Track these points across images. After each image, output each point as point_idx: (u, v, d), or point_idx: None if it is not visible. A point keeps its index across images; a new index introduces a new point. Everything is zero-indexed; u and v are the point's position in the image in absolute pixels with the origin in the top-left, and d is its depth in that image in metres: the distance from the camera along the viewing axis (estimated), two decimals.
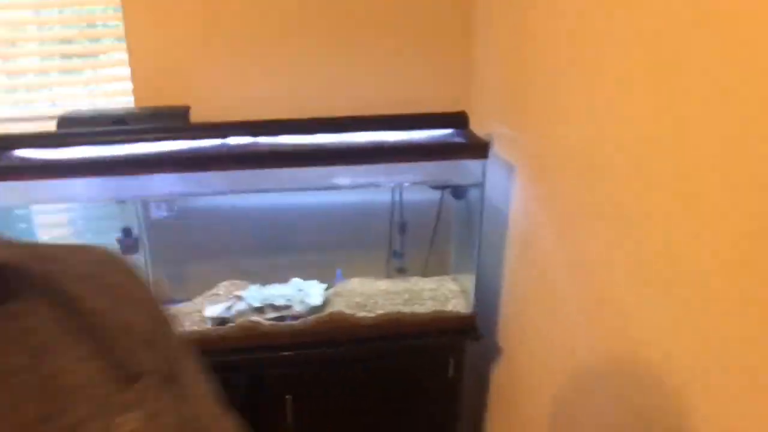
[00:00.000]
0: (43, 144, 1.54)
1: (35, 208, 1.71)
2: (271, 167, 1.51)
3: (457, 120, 1.65)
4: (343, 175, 1.53)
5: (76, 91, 1.83)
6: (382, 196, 1.83)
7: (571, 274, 1.31)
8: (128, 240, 1.68)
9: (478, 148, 1.53)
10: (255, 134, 1.56)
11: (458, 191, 1.73)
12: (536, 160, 1.47)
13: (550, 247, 1.41)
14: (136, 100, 1.80)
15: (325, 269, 1.85)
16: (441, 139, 1.59)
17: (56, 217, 1.87)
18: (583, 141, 1.21)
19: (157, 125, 1.62)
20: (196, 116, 1.71)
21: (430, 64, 1.83)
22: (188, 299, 1.75)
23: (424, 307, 1.70)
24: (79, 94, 1.83)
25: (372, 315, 1.66)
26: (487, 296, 1.77)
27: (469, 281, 1.78)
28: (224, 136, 1.55)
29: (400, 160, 1.51)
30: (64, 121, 1.64)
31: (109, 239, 1.73)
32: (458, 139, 1.60)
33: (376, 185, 1.61)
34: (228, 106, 1.75)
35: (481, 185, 1.56)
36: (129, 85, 1.78)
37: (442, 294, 1.77)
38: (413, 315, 1.68)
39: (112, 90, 1.84)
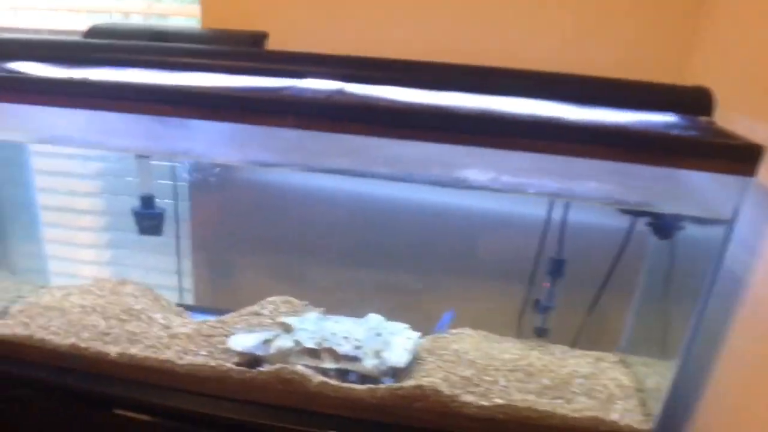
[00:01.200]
0: (53, 56, 1.06)
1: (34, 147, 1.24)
2: (380, 132, 0.87)
3: (690, 101, 0.94)
4: (475, 166, 0.88)
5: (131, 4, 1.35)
6: (532, 211, 1.16)
7: None
8: (149, 215, 1.16)
9: (743, 154, 0.81)
10: (348, 77, 0.96)
11: (667, 224, 1.02)
12: None
13: None
14: (203, 21, 1.28)
15: (421, 306, 1.22)
16: (666, 128, 0.89)
17: (56, 161, 1.41)
18: None
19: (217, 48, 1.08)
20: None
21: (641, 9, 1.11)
22: (219, 311, 1.21)
23: (573, 406, 1.02)
24: (133, 7, 1.35)
25: (485, 403, 1.01)
26: (680, 404, 1.05)
27: (650, 370, 1.07)
28: (302, 75, 0.97)
29: (587, 152, 0.83)
30: (94, 33, 1.16)
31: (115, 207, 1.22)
32: (693, 133, 0.89)
33: (530, 192, 0.92)
34: (317, 39, 1.18)
35: (729, 223, 0.85)
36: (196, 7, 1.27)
37: (602, 387, 1.07)
38: (551, 416, 1.00)
39: (174, 8, 1.34)
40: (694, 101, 0.94)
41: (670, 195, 0.90)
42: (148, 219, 1.15)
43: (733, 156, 0.82)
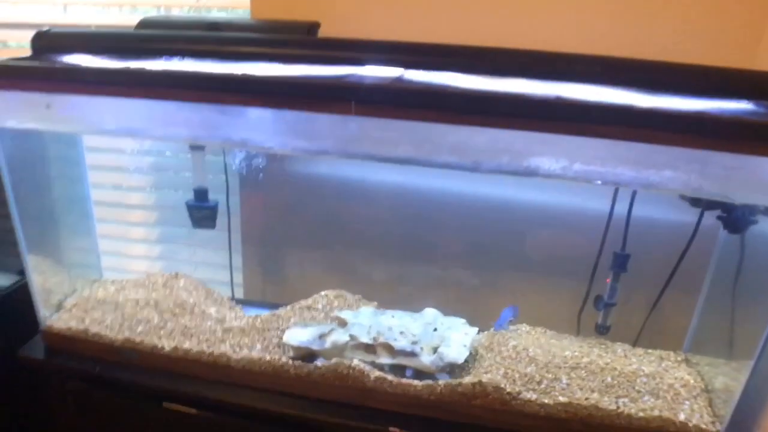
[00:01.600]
0: (108, 47, 1.06)
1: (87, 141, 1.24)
2: (448, 119, 0.83)
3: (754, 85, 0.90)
4: (545, 154, 0.85)
5: None
6: (596, 205, 1.12)
7: None
8: (203, 208, 1.15)
9: None
10: (408, 63, 0.94)
11: (738, 217, 0.98)
12: None
13: None
14: (252, 12, 1.27)
15: (478, 301, 1.20)
16: (744, 114, 0.85)
17: (109, 157, 1.42)
18: None
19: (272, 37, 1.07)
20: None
21: None
22: (271, 305, 1.20)
23: (638, 405, 0.98)
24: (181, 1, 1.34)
25: (548, 401, 0.98)
26: (751, 406, 1.00)
27: (717, 371, 1.03)
28: (360, 62, 0.95)
29: (663, 139, 0.79)
30: (145, 25, 1.15)
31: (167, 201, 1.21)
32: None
33: (597, 181, 0.87)
34: (369, 28, 1.16)
35: None
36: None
37: (668, 387, 1.03)
38: (617, 415, 0.97)
39: (221, 1, 1.33)
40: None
41: (747, 185, 0.86)
42: (202, 211, 1.14)
43: None
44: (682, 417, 0.97)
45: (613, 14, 1.09)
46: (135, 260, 1.49)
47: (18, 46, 1.48)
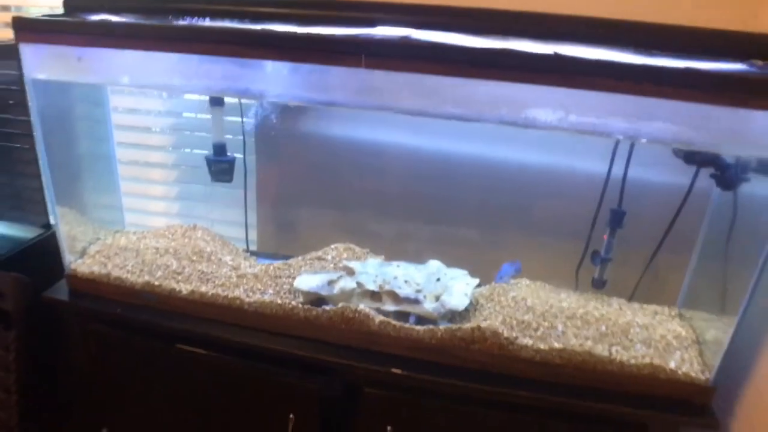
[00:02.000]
0: (136, 8, 1.12)
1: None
2: (451, 71, 0.88)
3: (760, 47, 0.94)
4: (545, 106, 0.89)
5: None
6: (594, 165, 1.17)
7: None
8: (221, 161, 1.21)
9: None
10: (418, 24, 0.99)
11: (728, 173, 1.02)
12: None
13: None
14: None
15: (480, 257, 1.25)
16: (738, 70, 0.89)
17: (133, 118, 1.48)
18: None
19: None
20: None
21: None
22: (283, 258, 1.26)
23: (630, 353, 1.03)
24: None
25: (543, 347, 1.03)
26: (734, 358, 1.05)
27: (708, 324, 1.08)
28: (371, 23, 1.01)
29: (653, 92, 0.83)
30: None
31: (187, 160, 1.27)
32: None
33: (594, 132, 0.92)
34: None
35: None
36: None
37: (660, 337, 1.08)
38: (610, 361, 1.02)
39: None
40: (756, 47, 0.94)
41: (735, 138, 0.90)
42: (220, 165, 1.20)
43: None
44: (672, 365, 1.02)
45: None
46: (155, 216, 1.56)
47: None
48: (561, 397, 1.02)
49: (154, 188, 1.53)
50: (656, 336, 1.08)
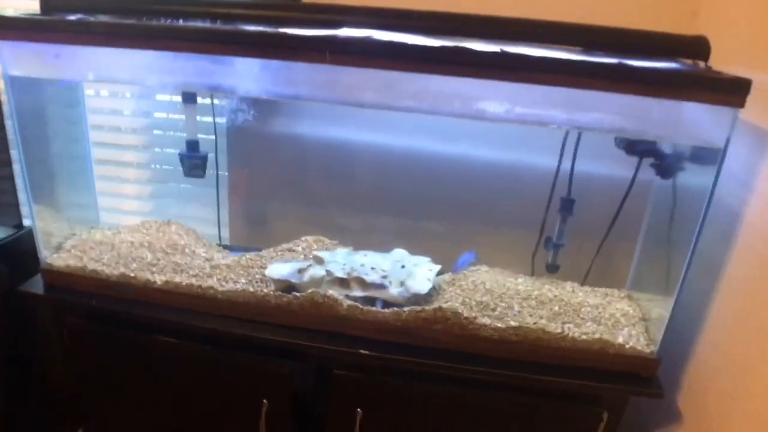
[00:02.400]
0: (112, 9, 1.16)
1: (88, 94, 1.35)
2: (409, 67, 0.96)
3: (690, 48, 1.03)
4: (493, 99, 0.98)
5: None
6: (545, 160, 1.25)
7: None
8: (194, 157, 1.26)
9: (729, 87, 0.90)
10: (380, 26, 1.06)
11: (666, 162, 1.11)
12: None
13: None
14: None
15: (442, 247, 1.32)
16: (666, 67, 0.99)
17: (109, 118, 1.52)
18: None
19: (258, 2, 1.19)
20: None
21: None
22: (262, 246, 1.31)
23: (582, 330, 1.11)
24: None
25: (500, 325, 1.10)
26: (677, 333, 1.14)
27: (653, 304, 1.16)
28: (337, 25, 1.07)
29: (585, 82, 0.92)
30: None
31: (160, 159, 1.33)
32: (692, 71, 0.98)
33: (539, 123, 1.00)
34: None
35: (720, 153, 0.94)
36: None
37: (609, 316, 1.16)
38: (563, 338, 1.10)
39: None
40: (692, 48, 1.04)
41: (674, 128, 1.00)
42: (193, 161, 1.25)
43: (726, 88, 0.91)
44: (620, 340, 1.10)
45: None
46: (129, 215, 1.59)
47: None
48: (518, 372, 1.09)
49: (128, 187, 1.57)
50: (606, 315, 1.16)
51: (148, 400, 1.26)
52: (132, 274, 1.21)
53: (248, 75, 1.03)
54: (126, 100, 1.51)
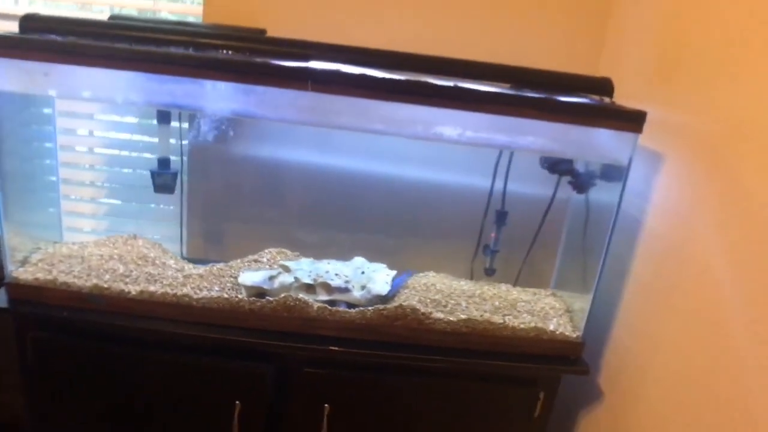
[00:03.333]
0: (88, 32, 1.23)
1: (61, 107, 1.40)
2: (364, 94, 1.12)
3: (598, 87, 1.28)
4: (449, 125, 1.16)
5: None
6: (478, 178, 1.46)
7: (751, 311, 0.90)
8: (165, 175, 1.34)
9: (630, 117, 1.15)
10: (344, 61, 1.22)
11: (581, 179, 1.35)
12: (701, 146, 1.09)
13: (717, 270, 1.01)
14: (204, 17, 1.50)
15: (391, 256, 1.47)
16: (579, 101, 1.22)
17: (77, 139, 1.56)
18: None
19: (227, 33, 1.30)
20: None
21: (562, 16, 1.48)
22: (222, 261, 1.40)
23: (519, 320, 1.30)
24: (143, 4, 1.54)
25: (452, 318, 1.27)
26: (595, 322, 1.36)
27: (573, 300, 1.38)
28: (306, 58, 1.22)
29: (519, 111, 1.13)
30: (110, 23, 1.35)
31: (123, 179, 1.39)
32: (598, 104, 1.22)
33: (485, 145, 1.21)
34: (310, 34, 1.44)
35: (624, 170, 1.18)
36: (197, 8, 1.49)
37: (540, 309, 1.37)
38: (504, 327, 1.28)
39: (179, 7, 1.55)
40: (599, 87, 1.29)
41: (589, 150, 1.23)
42: (164, 177, 1.33)
43: (627, 117, 1.16)
44: (551, 327, 1.30)
45: (496, 29, 1.46)
46: (84, 234, 1.61)
47: None
48: (467, 357, 1.26)
49: (83, 206, 1.60)
50: (537, 308, 1.36)
51: (121, 409, 1.29)
52: (105, 285, 1.25)
53: (225, 97, 1.15)
54: (90, 121, 1.55)
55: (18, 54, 1.11)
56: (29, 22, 1.21)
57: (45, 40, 1.14)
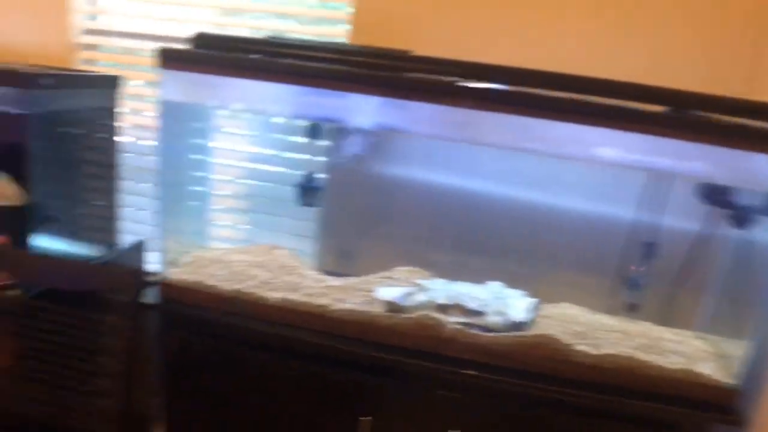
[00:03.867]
0: (253, 49, 1.30)
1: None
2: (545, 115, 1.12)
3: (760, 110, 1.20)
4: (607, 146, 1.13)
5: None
6: (621, 207, 1.40)
7: None
8: (310, 188, 1.38)
9: None
10: (491, 81, 1.22)
11: (743, 213, 1.26)
12: None
13: None
14: (352, 39, 1.56)
15: (522, 283, 1.43)
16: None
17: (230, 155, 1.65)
18: None
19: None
20: None
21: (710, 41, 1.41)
22: (353, 275, 1.41)
23: (666, 360, 1.22)
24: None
25: (595, 352, 1.21)
26: (751, 371, 1.25)
27: (725, 344, 1.28)
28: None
29: (677, 133, 1.07)
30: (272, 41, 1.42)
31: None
32: None
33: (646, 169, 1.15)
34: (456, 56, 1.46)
35: None
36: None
37: (689, 351, 1.27)
38: (651, 367, 1.20)
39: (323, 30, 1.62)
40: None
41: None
42: (311, 191, 1.37)
43: None
44: (704, 371, 1.20)
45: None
46: (225, 242, 1.69)
47: None
48: (610, 395, 1.18)
49: (225, 215, 1.68)
50: (684, 349, 1.27)
51: (250, 413, 1.32)
52: (248, 291, 1.30)
53: (378, 112, 1.18)
54: (228, 135, 1.64)
55: (192, 68, 1.20)
56: (199, 40, 1.30)
57: (217, 55, 1.22)
